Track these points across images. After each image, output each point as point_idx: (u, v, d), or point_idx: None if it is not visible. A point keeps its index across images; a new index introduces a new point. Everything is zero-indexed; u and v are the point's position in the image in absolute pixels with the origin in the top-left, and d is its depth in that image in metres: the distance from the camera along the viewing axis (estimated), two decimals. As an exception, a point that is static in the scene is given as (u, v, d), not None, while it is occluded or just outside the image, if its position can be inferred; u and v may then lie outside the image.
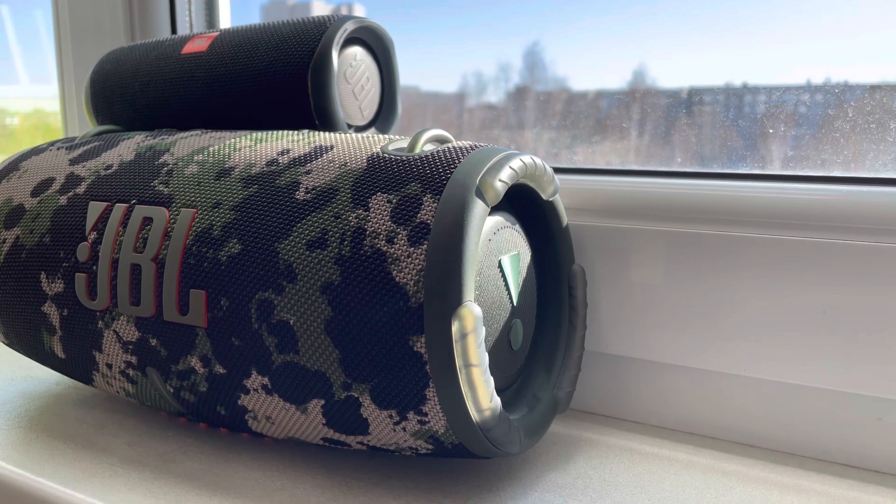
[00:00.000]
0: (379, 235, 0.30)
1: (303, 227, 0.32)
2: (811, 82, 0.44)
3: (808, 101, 0.45)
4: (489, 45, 0.60)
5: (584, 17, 0.54)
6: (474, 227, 0.30)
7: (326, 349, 0.31)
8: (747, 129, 0.47)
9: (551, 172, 0.36)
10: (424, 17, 0.63)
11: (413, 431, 0.31)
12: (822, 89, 0.44)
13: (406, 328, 0.29)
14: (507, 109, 0.58)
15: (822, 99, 0.44)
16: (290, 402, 0.33)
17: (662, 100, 0.50)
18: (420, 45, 0.62)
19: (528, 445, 0.34)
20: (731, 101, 0.48)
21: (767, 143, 0.46)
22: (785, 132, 0.45)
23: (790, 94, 0.45)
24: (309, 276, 0.31)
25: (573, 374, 0.38)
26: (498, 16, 0.58)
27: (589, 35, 0.55)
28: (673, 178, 0.41)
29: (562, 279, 0.39)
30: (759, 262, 0.37)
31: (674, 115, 0.49)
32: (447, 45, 0.62)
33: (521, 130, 0.57)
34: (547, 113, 0.56)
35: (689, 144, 0.49)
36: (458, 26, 0.61)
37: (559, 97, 0.56)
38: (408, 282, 0.29)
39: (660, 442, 0.40)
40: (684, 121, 0.49)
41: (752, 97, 0.48)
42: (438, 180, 0.31)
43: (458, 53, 0.61)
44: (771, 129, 0.46)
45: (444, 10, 0.61)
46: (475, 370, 0.29)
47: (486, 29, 0.60)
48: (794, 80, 0.45)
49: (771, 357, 0.37)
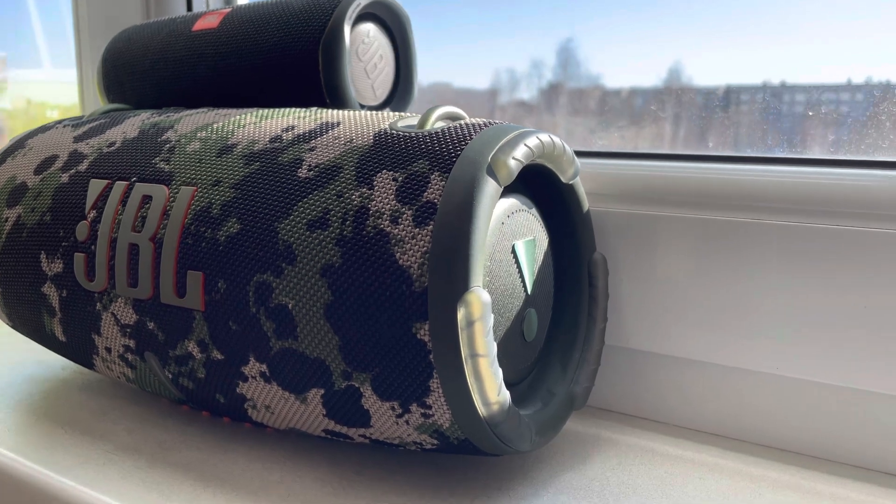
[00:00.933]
0: (383, 215, 0.29)
1: (303, 207, 0.30)
2: (852, 81, 0.42)
3: (848, 100, 0.42)
4: (522, 41, 0.58)
5: (618, 12, 0.52)
6: (484, 208, 0.28)
7: (326, 335, 0.29)
8: (788, 129, 0.44)
9: (571, 153, 0.34)
10: (457, 11, 0.61)
11: (417, 425, 0.30)
12: (864, 89, 0.41)
13: (409, 314, 0.28)
14: (539, 107, 0.56)
15: (864, 98, 0.42)
16: (290, 390, 0.31)
17: (698, 98, 0.48)
18: (453, 41, 0.60)
19: (540, 443, 0.32)
20: (770, 100, 0.46)
21: (807, 145, 0.43)
22: (825, 134, 0.43)
23: (830, 94, 0.43)
24: (309, 258, 0.29)
25: (592, 369, 0.36)
26: (531, 11, 0.56)
27: (623, 31, 0.52)
28: (703, 163, 0.38)
29: (581, 268, 0.37)
30: (793, 253, 0.34)
31: (710, 113, 0.47)
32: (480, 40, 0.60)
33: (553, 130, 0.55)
34: (580, 110, 0.54)
35: (727, 146, 0.46)
36: (491, 22, 0.59)
37: (592, 94, 0.54)
38: (412, 265, 0.28)
39: (683, 443, 0.37)
40: (721, 120, 0.47)
41: (791, 96, 0.45)
42: (447, 157, 0.29)
43: (491, 50, 0.60)
44: (811, 130, 0.43)
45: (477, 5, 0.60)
46: (482, 361, 0.27)
47: (519, 24, 0.58)
48: (835, 79, 0.42)
49: (806, 355, 0.35)
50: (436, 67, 0.46)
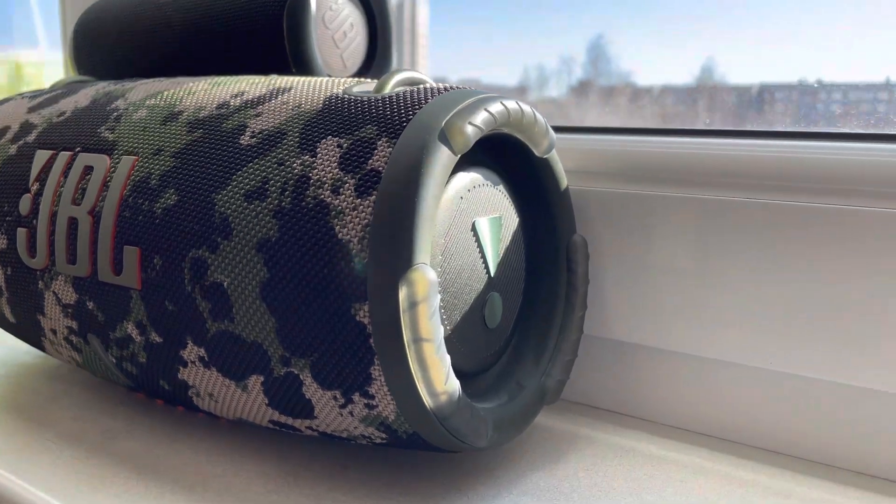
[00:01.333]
0: (324, 185, 0.26)
1: (242, 176, 0.28)
2: (891, 80, 0.39)
3: (887, 99, 0.39)
4: (552, 37, 0.55)
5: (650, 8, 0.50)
6: (434, 177, 0.25)
7: (262, 317, 0.27)
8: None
9: (545, 124, 0.31)
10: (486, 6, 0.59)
11: (361, 417, 0.27)
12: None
13: (348, 294, 0.25)
14: (568, 104, 0.54)
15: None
16: (229, 377, 0.29)
17: (731, 96, 0.46)
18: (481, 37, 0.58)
19: (500, 439, 0.29)
20: (804, 99, 0.43)
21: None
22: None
23: (867, 93, 0.40)
24: (245, 232, 0.27)
25: (567, 361, 0.33)
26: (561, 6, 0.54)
27: (655, 28, 0.50)
28: (694, 138, 0.35)
29: (559, 251, 0.34)
30: (794, 237, 0.31)
31: (744, 112, 0.45)
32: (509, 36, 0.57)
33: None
34: (608, 109, 0.52)
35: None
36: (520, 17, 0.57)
37: (623, 92, 0.52)
38: (352, 239, 0.25)
39: (667, 443, 0.34)
40: (755, 119, 0.44)
41: (827, 95, 0.42)
42: (397, 122, 0.26)
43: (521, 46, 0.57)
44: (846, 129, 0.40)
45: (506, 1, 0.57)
46: (426, 346, 0.24)
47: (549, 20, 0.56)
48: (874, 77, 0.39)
49: (804, 348, 0.31)
50: (464, 64, 0.44)
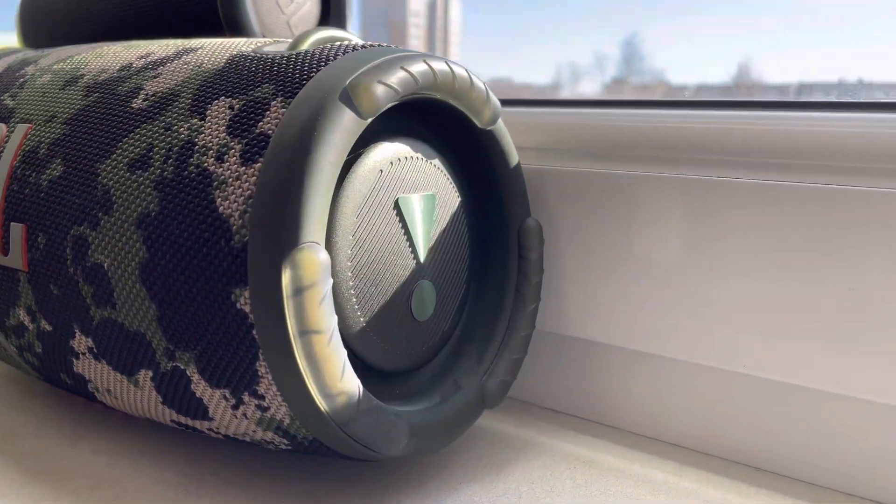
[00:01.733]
0: (209, 151, 0.23)
1: (128, 143, 0.24)
2: None
3: None
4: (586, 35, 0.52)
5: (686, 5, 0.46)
6: (331, 143, 0.21)
7: (143, 303, 0.23)
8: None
9: (486, 91, 0.27)
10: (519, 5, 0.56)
11: (255, 419, 0.23)
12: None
13: (227, 277, 0.21)
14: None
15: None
16: (120, 371, 0.26)
17: (770, 95, 0.43)
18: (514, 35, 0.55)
19: (423, 447, 0.26)
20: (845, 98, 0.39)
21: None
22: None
23: None
24: (125, 206, 0.24)
25: (514, 360, 0.29)
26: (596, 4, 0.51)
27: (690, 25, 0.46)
28: (667, 110, 0.31)
29: (509, 236, 0.30)
30: (794, 223, 0.27)
31: None
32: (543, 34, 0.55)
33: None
34: None
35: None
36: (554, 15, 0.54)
37: (656, 90, 0.49)
38: (233, 213, 0.21)
39: (630, 454, 0.30)
40: None
41: (868, 94, 0.39)
42: (297, 80, 0.23)
43: (554, 44, 0.54)
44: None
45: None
46: (317, 339, 0.21)
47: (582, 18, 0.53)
48: None
49: (798, 354, 0.27)
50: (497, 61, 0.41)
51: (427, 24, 0.47)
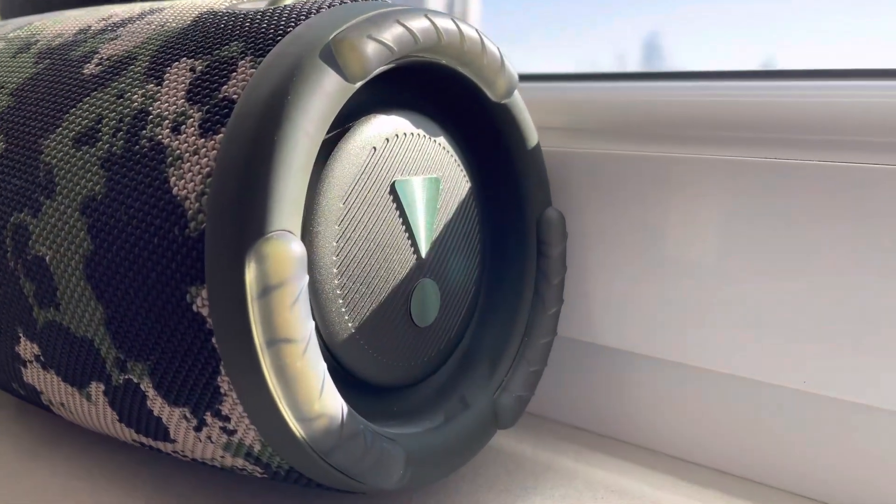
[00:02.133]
0: (163, 121, 0.19)
1: (75, 114, 0.21)
2: None
3: None
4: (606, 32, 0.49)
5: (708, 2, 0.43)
6: (310, 111, 0.18)
7: (89, 304, 0.19)
8: None
9: (500, 57, 0.23)
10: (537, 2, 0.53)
11: (222, 444, 0.20)
12: None
13: (182, 273, 0.18)
14: None
15: None
16: (70, 383, 0.22)
17: None
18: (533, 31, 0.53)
19: (424, 477, 0.21)
20: None
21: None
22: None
23: None
24: (69, 188, 0.20)
25: (532, 372, 0.25)
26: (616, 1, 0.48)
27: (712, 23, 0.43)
28: (723, 81, 0.27)
29: (528, 228, 0.26)
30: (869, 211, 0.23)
31: None
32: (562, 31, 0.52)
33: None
34: None
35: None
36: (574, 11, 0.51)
37: None
38: (188, 195, 0.18)
39: (668, 482, 0.26)
40: None
41: None
42: (270, 36, 0.19)
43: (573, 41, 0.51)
44: None
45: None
46: (289, 350, 0.17)
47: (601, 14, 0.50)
48: None
49: (864, 370, 0.23)
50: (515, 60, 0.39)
51: None
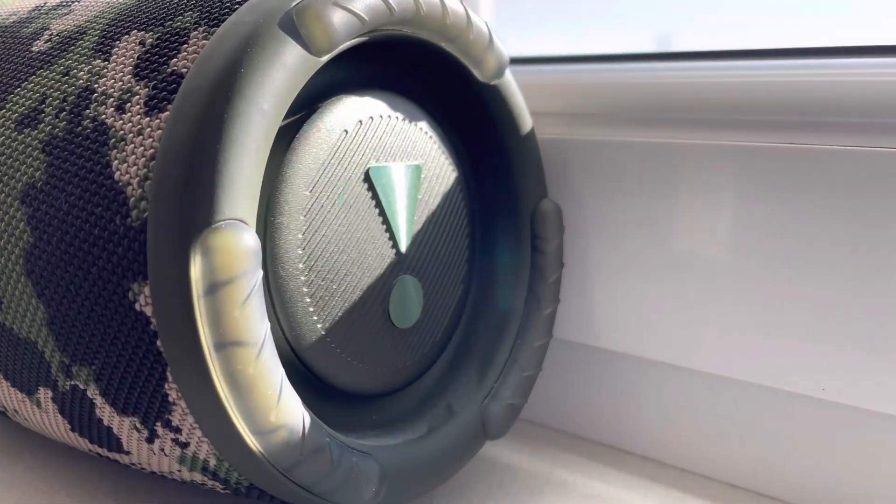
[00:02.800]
0: (108, 99, 0.17)
1: (20, 94, 0.19)
2: None
3: None
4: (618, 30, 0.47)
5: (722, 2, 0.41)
6: (263, 83, 0.16)
7: (30, 302, 0.18)
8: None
9: (488, 33, 0.21)
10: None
11: (176, 457, 0.18)
12: None
13: (123, 268, 0.16)
14: None
15: None
16: (19, 389, 0.20)
17: None
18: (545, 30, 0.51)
19: (402, 494, 0.20)
20: None
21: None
22: None
23: None
24: (9, 176, 0.18)
25: (525, 377, 0.23)
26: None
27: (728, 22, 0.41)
28: (737, 61, 0.25)
29: (520, 222, 0.24)
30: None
31: None
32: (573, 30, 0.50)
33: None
34: None
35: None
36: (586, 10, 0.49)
37: None
38: (130, 179, 0.16)
39: (673, 495, 0.24)
40: None
41: None
42: (227, 4, 0.17)
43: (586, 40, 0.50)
44: None
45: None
46: (240, 354, 0.15)
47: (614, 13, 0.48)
48: None
49: (882, 377, 0.21)
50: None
51: None
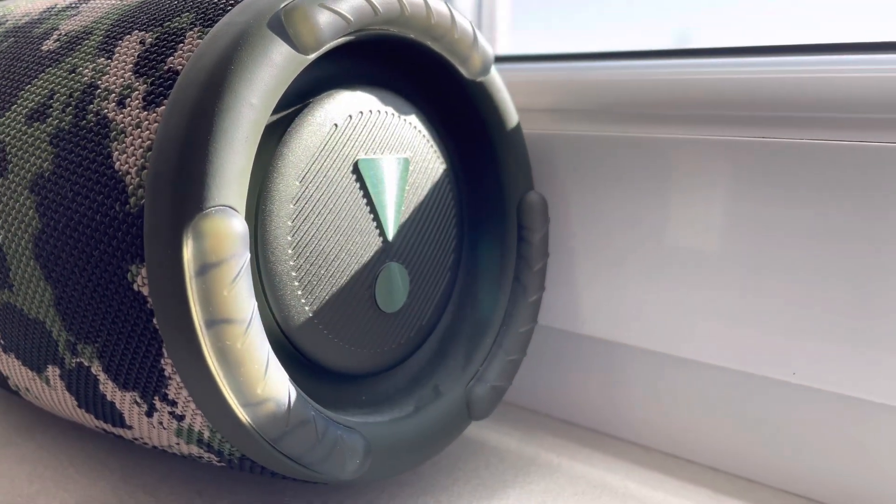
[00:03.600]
0: (110, 94, 0.18)
1: (30, 90, 0.20)
2: None
3: None
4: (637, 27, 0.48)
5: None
6: (252, 80, 0.17)
7: (38, 284, 0.19)
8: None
9: (472, 32, 0.22)
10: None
11: (174, 430, 0.19)
12: None
13: (122, 251, 0.17)
14: None
15: None
16: (29, 367, 0.21)
17: None
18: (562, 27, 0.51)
19: (385, 468, 0.21)
20: None
21: None
22: None
23: None
24: (20, 166, 0.19)
25: (510, 361, 0.24)
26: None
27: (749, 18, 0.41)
28: (719, 58, 0.25)
29: (507, 213, 0.25)
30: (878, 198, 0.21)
31: None
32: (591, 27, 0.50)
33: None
34: None
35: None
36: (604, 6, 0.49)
37: None
38: (129, 169, 0.17)
39: (655, 478, 0.25)
40: None
41: None
42: (221, 6, 0.18)
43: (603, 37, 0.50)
44: None
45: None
46: (228, 331, 0.16)
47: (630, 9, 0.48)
48: None
49: (857, 364, 0.22)
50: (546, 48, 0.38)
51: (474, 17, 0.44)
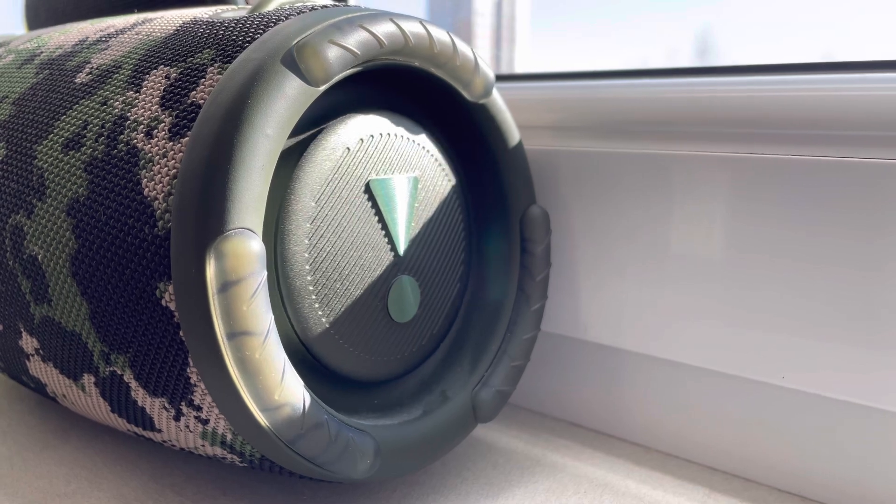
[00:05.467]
0: (139, 126, 0.20)
1: (65, 121, 0.22)
2: None
3: None
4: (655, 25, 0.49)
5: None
6: (267, 112, 0.18)
7: (75, 300, 0.21)
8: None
9: (474, 59, 0.24)
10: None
11: (199, 433, 0.21)
12: None
13: (151, 269, 0.19)
14: None
15: None
16: (66, 375, 0.23)
17: None
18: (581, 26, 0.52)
19: (394, 468, 0.22)
20: None
21: None
22: None
23: None
24: (58, 191, 0.21)
25: (514, 367, 0.26)
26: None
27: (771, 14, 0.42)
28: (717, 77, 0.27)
29: (510, 226, 0.26)
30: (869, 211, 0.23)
31: None
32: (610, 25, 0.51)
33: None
34: None
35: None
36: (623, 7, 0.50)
37: None
38: (157, 196, 0.19)
39: (654, 477, 0.26)
40: None
41: None
42: (239, 43, 0.20)
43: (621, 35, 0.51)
44: None
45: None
46: (248, 342, 0.18)
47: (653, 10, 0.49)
48: None
49: (855, 370, 0.23)
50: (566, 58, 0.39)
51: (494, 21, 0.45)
